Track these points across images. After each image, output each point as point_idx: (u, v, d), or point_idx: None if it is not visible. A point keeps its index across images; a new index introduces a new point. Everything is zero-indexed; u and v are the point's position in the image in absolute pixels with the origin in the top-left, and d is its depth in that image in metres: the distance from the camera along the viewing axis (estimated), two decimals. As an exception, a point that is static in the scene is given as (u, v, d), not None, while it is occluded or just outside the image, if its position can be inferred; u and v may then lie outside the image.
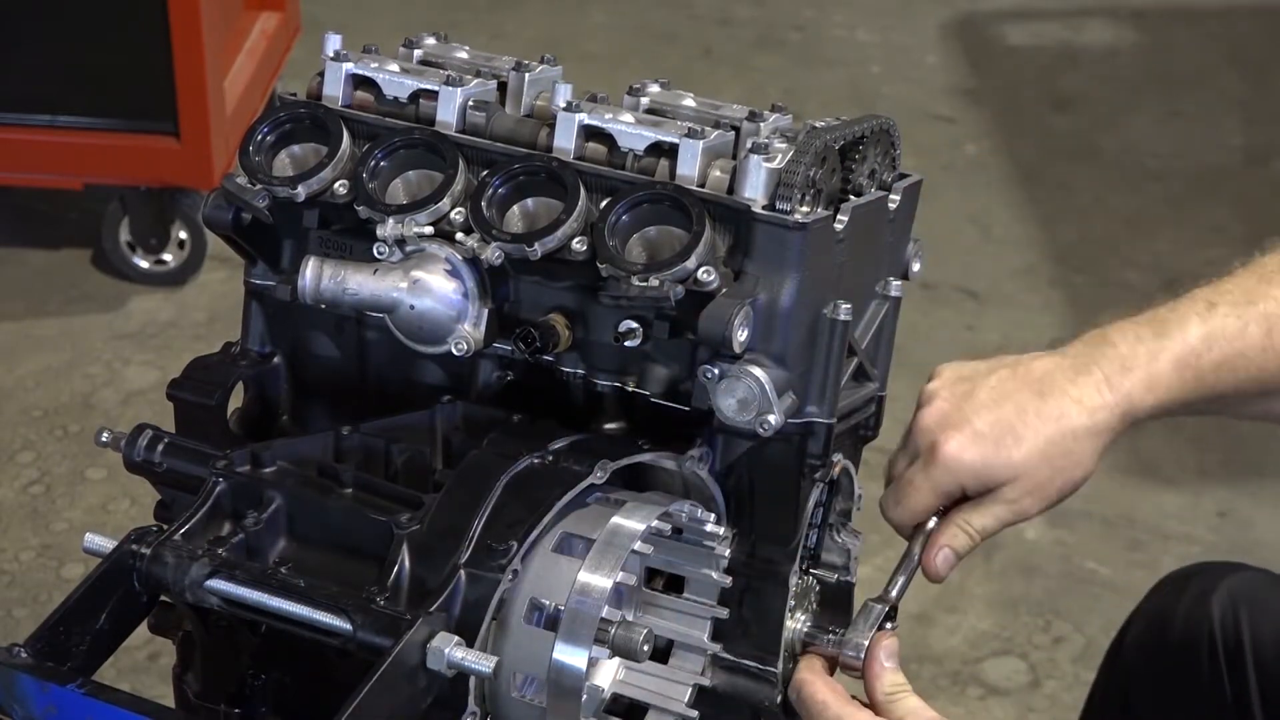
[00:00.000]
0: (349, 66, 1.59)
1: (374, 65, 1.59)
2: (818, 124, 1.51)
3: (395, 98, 1.58)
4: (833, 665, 1.58)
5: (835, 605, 1.68)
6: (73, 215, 4.31)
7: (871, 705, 1.52)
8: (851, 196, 1.55)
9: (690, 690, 1.59)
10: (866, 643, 1.56)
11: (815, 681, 1.54)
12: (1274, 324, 1.68)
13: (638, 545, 1.43)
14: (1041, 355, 1.66)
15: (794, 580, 1.58)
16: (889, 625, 1.58)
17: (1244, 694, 1.93)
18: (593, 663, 1.42)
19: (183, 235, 4.10)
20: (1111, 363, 1.64)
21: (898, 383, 1.70)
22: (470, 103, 1.56)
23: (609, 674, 1.59)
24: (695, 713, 1.56)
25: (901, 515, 1.67)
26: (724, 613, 1.56)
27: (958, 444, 1.61)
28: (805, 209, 1.47)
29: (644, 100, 1.59)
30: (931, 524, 1.67)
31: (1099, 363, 1.64)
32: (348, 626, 1.34)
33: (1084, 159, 4.95)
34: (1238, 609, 1.94)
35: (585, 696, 1.40)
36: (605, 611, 1.39)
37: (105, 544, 1.42)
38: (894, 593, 1.62)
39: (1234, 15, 5.80)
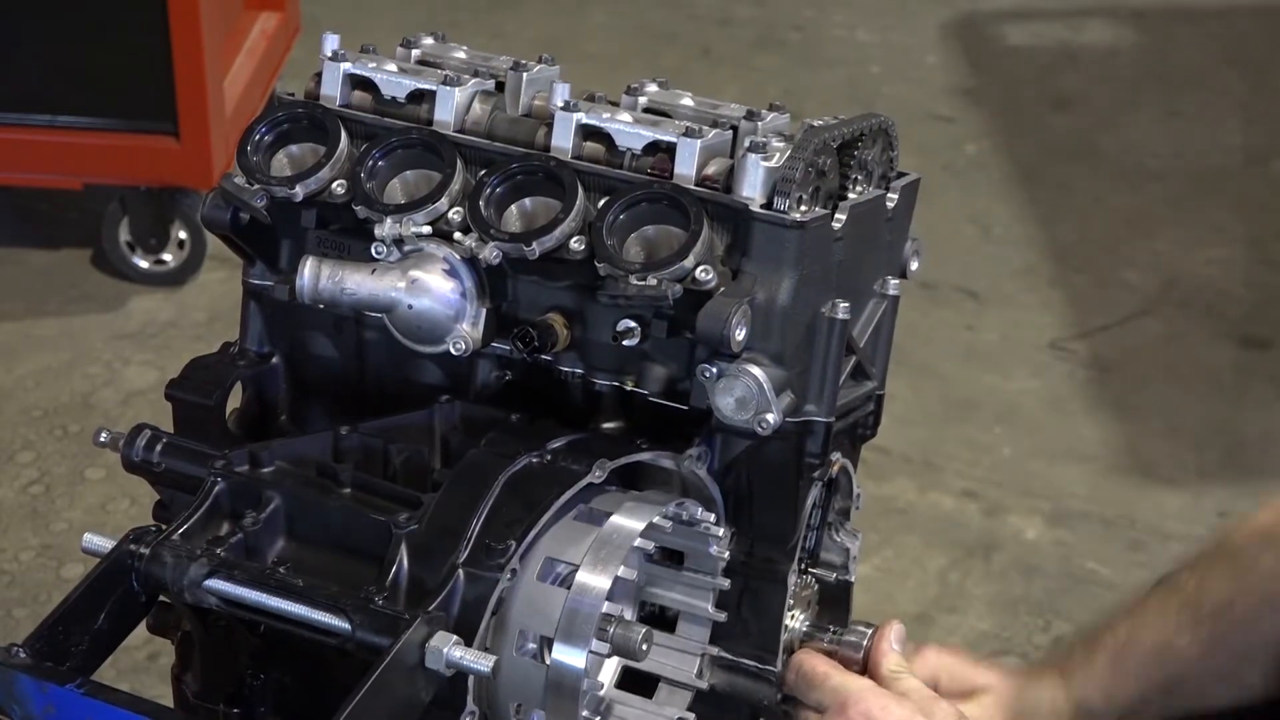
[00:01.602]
0: (347, 66, 1.59)
1: (372, 65, 1.59)
2: (816, 123, 1.51)
3: (393, 97, 1.58)
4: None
5: (834, 604, 1.68)
6: (73, 215, 4.31)
7: (874, 681, 1.57)
8: (849, 195, 1.55)
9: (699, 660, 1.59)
10: (866, 642, 1.59)
11: (812, 657, 1.58)
12: (1196, 605, 1.77)
13: (637, 541, 1.43)
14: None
15: (793, 579, 1.58)
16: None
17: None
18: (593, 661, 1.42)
19: (182, 235, 4.10)
20: (1063, 671, 1.81)
21: (897, 382, 1.70)
22: (468, 102, 1.56)
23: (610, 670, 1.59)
24: (705, 683, 1.57)
25: None
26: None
27: (938, 649, 1.76)
28: (803, 208, 1.47)
29: (642, 99, 1.59)
30: None
31: (1055, 666, 1.82)
32: (346, 626, 1.34)
33: (1084, 159, 4.95)
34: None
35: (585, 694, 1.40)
36: (606, 607, 1.39)
37: (104, 544, 1.42)
38: None
39: (1234, 15, 5.80)
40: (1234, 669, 1.77)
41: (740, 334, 1.44)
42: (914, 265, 1.68)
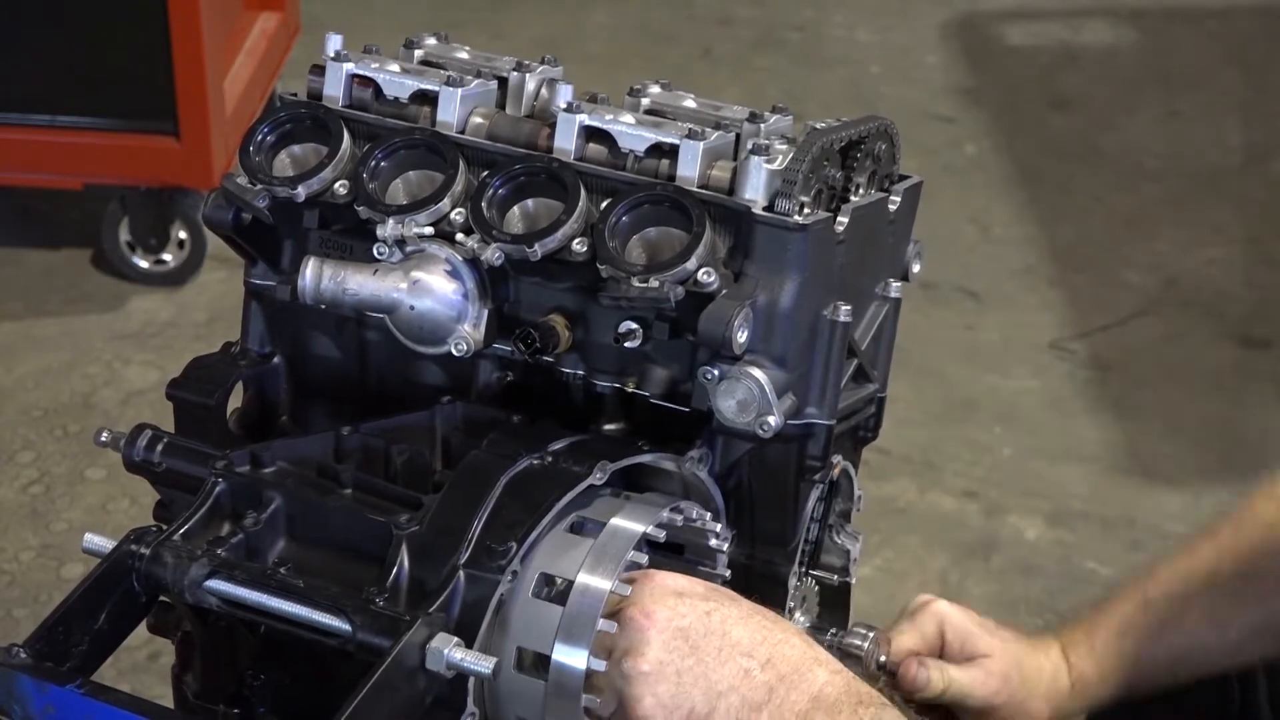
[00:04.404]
0: (349, 67, 1.59)
1: (374, 65, 1.59)
2: (818, 125, 1.51)
3: (395, 98, 1.58)
4: None
5: (835, 606, 1.68)
6: (73, 215, 4.31)
7: None
8: (851, 198, 1.55)
9: None
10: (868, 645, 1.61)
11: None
12: (1211, 581, 1.78)
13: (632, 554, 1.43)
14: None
15: (793, 581, 1.58)
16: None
17: (1252, 695, 1.92)
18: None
19: (182, 235, 4.10)
20: (1067, 644, 1.82)
21: (898, 384, 1.70)
22: (471, 103, 1.56)
23: None
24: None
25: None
26: None
27: (947, 605, 1.77)
28: (805, 210, 1.47)
29: (644, 101, 1.59)
30: None
31: (1060, 638, 1.83)
32: (347, 627, 1.34)
33: (1083, 159, 4.95)
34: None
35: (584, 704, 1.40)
36: (601, 624, 1.38)
37: (104, 544, 1.42)
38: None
39: (1234, 15, 5.80)
40: (1241, 643, 1.77)
41: (742, 336, 1.44)
42: (916, 267, 1.68)
